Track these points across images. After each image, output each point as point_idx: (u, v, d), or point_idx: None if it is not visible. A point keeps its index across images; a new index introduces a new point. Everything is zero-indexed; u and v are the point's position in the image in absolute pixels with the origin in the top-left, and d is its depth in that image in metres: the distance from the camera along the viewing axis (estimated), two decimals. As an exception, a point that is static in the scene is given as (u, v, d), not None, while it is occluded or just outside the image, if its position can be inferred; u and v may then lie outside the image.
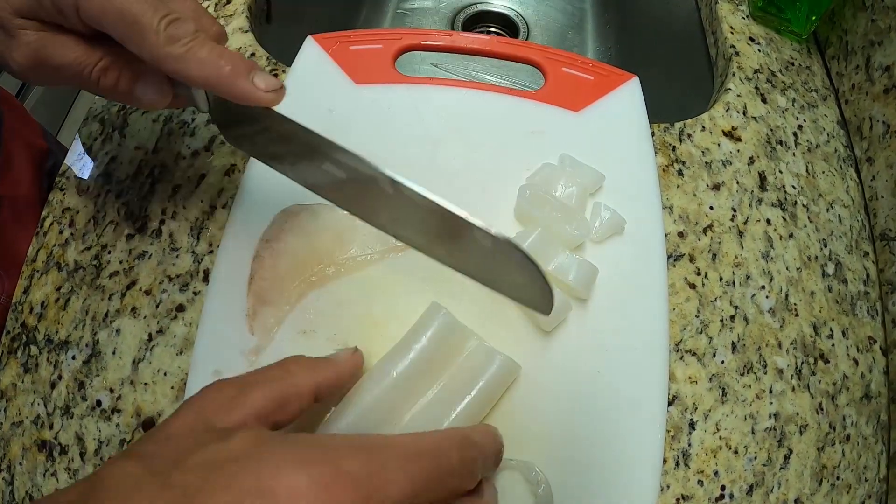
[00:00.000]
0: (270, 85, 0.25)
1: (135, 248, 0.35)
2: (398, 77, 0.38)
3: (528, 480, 0.27)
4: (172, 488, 0.17)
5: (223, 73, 0.25)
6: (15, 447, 0.31)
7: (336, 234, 0.32)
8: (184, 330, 0.33)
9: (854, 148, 0.41)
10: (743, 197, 0.38)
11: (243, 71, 0.25)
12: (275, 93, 0.26)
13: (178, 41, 0.25)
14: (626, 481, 0.28)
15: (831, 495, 0.31)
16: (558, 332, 0.30)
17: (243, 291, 0.31)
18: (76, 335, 0.33)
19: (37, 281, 0.35)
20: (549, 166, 0.34)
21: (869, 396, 0.34)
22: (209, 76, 0.25)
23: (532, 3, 0.67)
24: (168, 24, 0.25)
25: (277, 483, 0.16)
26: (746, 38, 0.45)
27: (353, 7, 0.65)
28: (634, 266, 0.32)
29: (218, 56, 0.25)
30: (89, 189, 0.38)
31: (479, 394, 0.27)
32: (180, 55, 0.25)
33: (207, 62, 0.25)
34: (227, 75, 0.25)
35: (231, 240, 0.33)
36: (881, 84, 0.39)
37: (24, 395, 0.32)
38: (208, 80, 0.25)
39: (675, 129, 0.40)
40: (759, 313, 0.34)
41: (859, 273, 0.37)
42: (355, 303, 0.31)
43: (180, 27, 0.25)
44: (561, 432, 0.28)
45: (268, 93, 0.25)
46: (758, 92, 0.42)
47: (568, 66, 0.39)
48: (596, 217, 0.33)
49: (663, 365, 0.30)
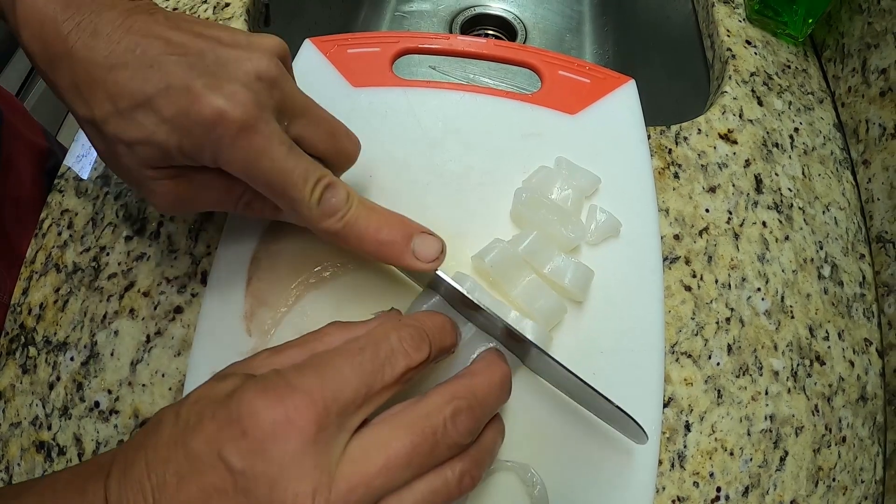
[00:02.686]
0: (430, 255, 0.25)
1: (133, 250, 0.35)
2: (396, 80, 0.38)
3: (523, 482, 0.27)
4: (180, 422, 0.19)
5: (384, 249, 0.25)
6: (13, 448, 0.32)
7: (333, 237, 0.32)
8: (182, 331, 0.33)
9: (850, 150, 0.42)
10: (739, 199, 0.38)
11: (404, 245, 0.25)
12: (435, 262, 0.26)
13: (334, 216, 0.25)
14: (622, 483, 0.28)
15: (827, 497, 0.31)
16: (554, 334, 0.30)
17: (241, 293, 0.31)
18: (74, 336, 0.34)
19: (35, 282, 0.35)
20: (546, 169, 0.34)
21: (865, 398, 0.34)
22: (369, 250, 0.26)
23: (530, 6, 0.67)
24: (321, 197, 0.24)
25: (242, 410, 0.19)
26: (743, 41, 0.45)
27: (351, 10, 0.66)
28: (630, 269, 0.32)
29: (376, 230, 0.25)
30: (88, 191, 0.38)
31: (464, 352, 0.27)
32: (337, 231, 0.25)
33: (366, 237, 0.25)
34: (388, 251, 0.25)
35: (229, 242, 0.33)
36: (877, 87, 0.39)
37: (22, 395, 0.33)
38: (369, 252, 0.26)
39: (671, 131, 0.40)
40: (754, 315, 0.34)
41: (855, 275, 0.37)
42: (353, 305, 0.31)
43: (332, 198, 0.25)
44: (556, 434, 0.28)
45: (428, 263, 0.25)
46: (754, 95, 0.42)
47: (564, 69, 0.39)
48: (592, 220, 0.33)
49: (659, 367, 0.30)
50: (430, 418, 0.20)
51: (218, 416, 0.19)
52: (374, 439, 0.20)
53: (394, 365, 0.21)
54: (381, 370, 0.20)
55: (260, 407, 0.19)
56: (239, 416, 0.19)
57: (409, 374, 0.21)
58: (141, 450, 0.19)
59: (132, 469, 0.19)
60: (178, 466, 0.18)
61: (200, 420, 0.19)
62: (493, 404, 0.22)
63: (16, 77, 1.26)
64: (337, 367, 0.20)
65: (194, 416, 0.19)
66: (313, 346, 0.23)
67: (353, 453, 0.19)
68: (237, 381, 0.20)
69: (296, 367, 0.20)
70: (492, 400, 0.22)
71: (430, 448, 0.20)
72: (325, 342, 0.23)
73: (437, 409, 0.20)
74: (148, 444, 0.19)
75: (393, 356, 0.21)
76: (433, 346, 0.22)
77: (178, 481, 0.18)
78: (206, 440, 0.18)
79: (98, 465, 0.20)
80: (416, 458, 0.19)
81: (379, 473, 0.19)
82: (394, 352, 0.21)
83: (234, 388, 0.20)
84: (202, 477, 0.18)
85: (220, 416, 0.19)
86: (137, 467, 0.19)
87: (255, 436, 0.18)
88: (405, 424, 0.20)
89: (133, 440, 0.20)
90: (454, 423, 0.20)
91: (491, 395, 0.22)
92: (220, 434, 0.18)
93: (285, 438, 0.18)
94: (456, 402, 0.21)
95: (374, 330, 0.22)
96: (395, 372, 0.21)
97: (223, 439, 0.18)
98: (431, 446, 0.20)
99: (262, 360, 0.23)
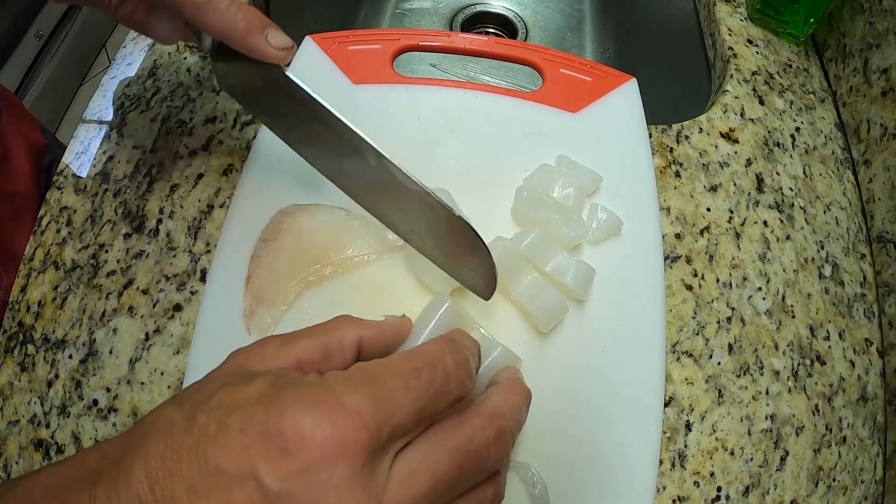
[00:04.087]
0: (282, 43, 0.27)
1: (132, 248, 0.35)
2: (396, 77, 0.38)
3: (524, 481, 0.27)
4: (195, 429, 0.17)
5: (238, 27, 0.26)
6: (11, 446, 0.31)
7: (333, 235, 0.32)
8: (181, 329, 0.33)
9: (851, 150, 0.42)
10: (740, 199, 0.38)
11: (258, 27, 0.26)
12: (286, 51, 0.27)
13: None
14: (622, 482, 0.28)
15: (827, 497, 0.31)
16: (555, 333, 0.30)
17: (240, 291, 0.31)
18: (73, 334, 0.33)
19: (34, 280, 0.35)
20: (547, 167, 0.34)
21: (865, 398, 0.34)
22: (225, 29, 0.26)
23: (531, 5, 0.67)
24: None
25: (284, 425, 0.17)
26: (744, 40, 0.45)
27: (351, 7, 0.65)
28: (631, 267, 0.32)
29: (236, 9, 0.26)
30: (87, 188, 0.38)
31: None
32: (201, 4, 0.26)
33: (226, 14, 0.26)
34: (241, 30, 0.26)
35: (228, 239, 0.33)
36: (879, 86, 0.39)
37: (20, 394, 0.32)
38: (224, 32, 0.26)
39: (672, 130, 0.40)
40: (755, 315, 0.34)
41: (856, 275, 0.37)
42: (352, 303, 0.31)
43: None
44: (558, 433, 0.28)
45: (279, 51, 0.27)
46: (755, 94, 0.42)
47: (566, 67, 0.39)
48: (593, 218, 0.33)
49: (660, 366, 0.30)
50: (475, 441, 0.20)
51: (251, 428, 0.17)
52: (420, 462, 0.19)
53: (448, 394, 0.20)
54: (436, 398, 0.19)
55: (307, 425, 0.17)
56: (280, 431, 0.17)
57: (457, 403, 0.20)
58: (139, 457, 0.17)
59: (128, 479, 0.17)
60: (191, 482, 0.16)
61: (224, 430, 0.17)
62: (522, 425, 0.22)
63: (15, 74, 1.26)
64: (392, 388, 0.19)
65: (214, 423, 0.17)
66: (325, 339, 0.22)
67: (399, 476, 0.18)
68: (267, 385, 0.18)
69: (346, 380, 0.19)
70: (522, 420, 0.22)
71: (474, 471, 0.20)
72: (336, 336, 0.22)
73: (481, 431, 0.20)
74: (149, 452, 0.17)
75: (448, 384, 0.20)
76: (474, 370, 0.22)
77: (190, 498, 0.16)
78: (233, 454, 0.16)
79: (81, 468, 0.18)
80: (461, 481, 0.19)
81: (425, 496, 0.18)
82: (449, 378, 0.20)
83: (265, 394, 0.18)
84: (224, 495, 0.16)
85: (253, 429, 0.17)
86: (135, 478, 0.17)
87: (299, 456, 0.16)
88: (451, 447, 0.19)
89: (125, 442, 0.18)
90: (496, 447, 0.20)
91: (522, 415, 0.22)
92: (253, 449, 0.16)
93: (334, 462, 0.17)
94: (498, 423, 0.20)
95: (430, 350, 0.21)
96: (448, 400, 0.20)
97: (257, 455, 0.16)
98: (475, 469, 0.20)
99: (273, 349, 0.21)
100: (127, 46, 0.45)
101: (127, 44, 0.45)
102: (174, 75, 0.42)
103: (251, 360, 0.21)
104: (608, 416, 0.29)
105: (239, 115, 0.40)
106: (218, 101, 0.40)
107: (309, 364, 0.21)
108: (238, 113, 0.40)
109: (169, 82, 0.42)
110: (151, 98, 0.41)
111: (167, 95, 0.41)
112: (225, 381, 0.19)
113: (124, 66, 0.43)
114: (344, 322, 0.23)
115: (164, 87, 0.42)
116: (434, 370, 0.20)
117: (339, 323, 0.23)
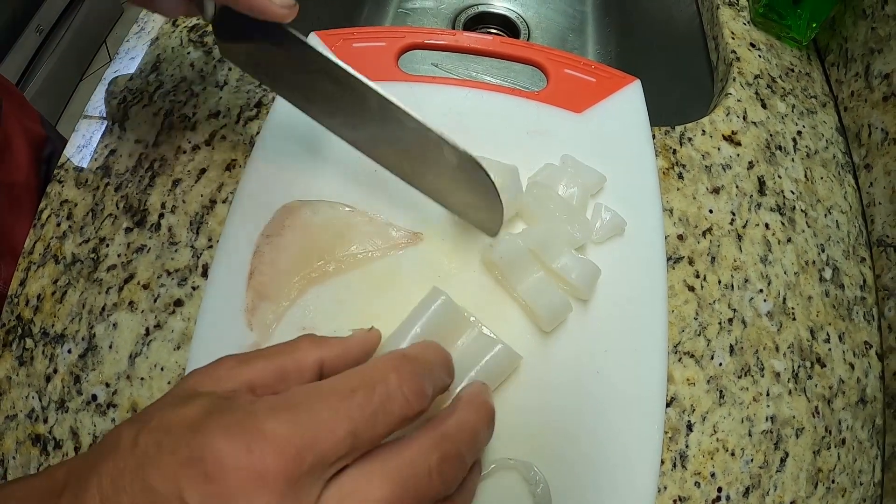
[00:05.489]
0: (285, 1, 0.27)
1: (133, 242, 0.35)
2: (401, 75, 0.38)
3: (526, 480, 0.27)
4: (137, 449, 0.17)
5: None
6: (8, 441, 0.31)
7: (337, 231, 0.32)
8: (182, 325, 0.33)
9: (852, 154, 0.42)
10: (742, 201, 0.38)
11: None
12: (288, 9, 0.27)
13: None
14: (624, 482, 0.28)
15: (826, 498, 0.31)
16: (558, 331, 0.30)
17: (242, 287, 0.31)
18: (72, 329, 0.33)
19: (33, 273, 0.35)
20: (551, 166, 0.34)
21: (864, 401, 0.34)
22: None
23: (533, 5, 0.67)
24: None
25: (205, 451, 0.17)
26: (747, 43, 0.45)
27: (354, 6, 0.65)
28: (634, 268, 0.32)
29: None
30: (88, 182, 0.38)
31: (477, 377, 0.27)
32: None
33: None
34: None
35: (231, 235, 0.33)
36: (880, 92, 0.40)
37: (18, 388, 0.32)
38: None
39: (675, 132, 0.40)
40: (756, 316, 0.34)
41: (856, 278, 0.37)
42: (355, 299, 0.31)
43: None
44: (560, 432, 0.28)
45: (282, 9, 0.27)
46: (758, 97, 0.42)
47: (570, 67, 0.39)
48: (597, 218, 0.33)
49: (662, 366, 0.30)
50: (415, 466, 0.18)
51: (179, 451, 0.17)
52: (351, 489, 0.18)
53: (388, 413, 0.18)
54: (374, 419, 0.18)
55: (225, 451, 0.17)
56: (202, 456, 0.17)
57: (405, 423, 0.19)
58: (94, 474, 0.17)
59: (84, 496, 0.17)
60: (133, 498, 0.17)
61: (159, 451, 0.17)
62: (480, 447, 0.21)
63: (15, 67, 1.25)
64: (317, 412, 0.18)
65: (153, 445, 0.17)
66: (282, 361, 0.21)
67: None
68: (201, 409, 0.18)
69: (270, 406, 0.18)
70: (480, 442, 0.21)
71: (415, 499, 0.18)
72: (294, 358, 0.21)
73: (423, 455, 0.18)
74: (102, 469, 0.17)
75: (389, 402, 0.18)
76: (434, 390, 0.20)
77: None
78: (164, 476, 0.17)
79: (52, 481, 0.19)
80: None
81: None
82: (390, 397, 0.18)
83: (197, 418, 0.18)
84: None
85: (181, 452, 0.17)
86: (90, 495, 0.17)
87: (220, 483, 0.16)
88: (387, 473, 0.18)
89: (88, 457, 0.19)
90: (440, 473, 0.18)
91: (479, 436, 0.21)
92: (180, 472, 0.17)
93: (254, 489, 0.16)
94: (444, 446, 0.19)
95: (371, 367, 0.19)
96: (389, 421, 0.18)
97: (183, 477, 0.17)
98: (416, 498, 0.18)
99: (226, 370, 0.21)
100: (130, 41, 0.44)
101: (130, 38, 0.45)
102: (177, 70, 0.42)
103: (204, 380, 0.21)
104: (610, 416, 0.29)
105: (242, 110, 0.40)
106: (221, 96, 0.40)
107: (262, 387, 0.20)
108: (241, 108, 0.40)
109: (172, 77, 0.42)
110: (154, 92, 0.41)
111: (170, 90, 0.41)
112: (170, 401, 0.19)
113: (127, 61, 0.43)
114: (304, 342, 0.23)
115: (168, 81, 0.41)
116: (371, 390, 0.18)
117: (299, 344, 0.22)
